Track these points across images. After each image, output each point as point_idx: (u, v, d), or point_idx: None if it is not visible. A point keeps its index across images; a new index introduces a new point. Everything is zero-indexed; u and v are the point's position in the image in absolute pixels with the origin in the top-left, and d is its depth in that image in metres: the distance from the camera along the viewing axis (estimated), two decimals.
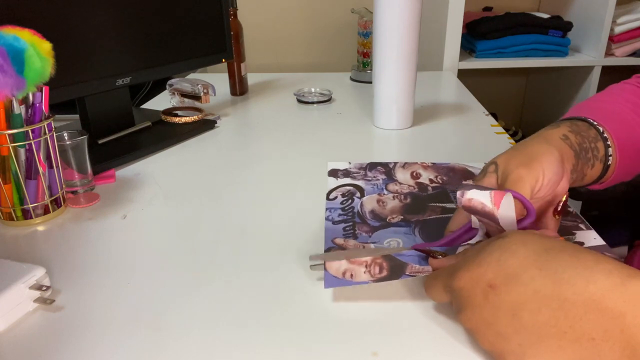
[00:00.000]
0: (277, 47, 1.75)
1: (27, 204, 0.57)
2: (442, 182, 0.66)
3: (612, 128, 0.53)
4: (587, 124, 0.52)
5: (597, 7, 1.45)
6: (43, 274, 0.45)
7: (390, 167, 0.70)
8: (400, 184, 0.66)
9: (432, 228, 0.55)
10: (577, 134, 0.51)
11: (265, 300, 0.44)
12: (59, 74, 0.55)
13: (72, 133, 0.63)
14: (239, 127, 0.92)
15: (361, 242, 0.52)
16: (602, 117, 0.54)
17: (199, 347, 0.39)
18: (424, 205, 0.60)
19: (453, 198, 0.61)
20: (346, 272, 0.45)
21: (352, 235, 0.54)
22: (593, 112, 0.54)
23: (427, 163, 0.72)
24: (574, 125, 0.51)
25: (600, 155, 0.52)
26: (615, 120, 0.54)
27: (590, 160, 0.51)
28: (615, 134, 0.53)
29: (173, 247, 0.53)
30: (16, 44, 0.50)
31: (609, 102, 0.57)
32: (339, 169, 0.70)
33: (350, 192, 0.64)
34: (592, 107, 0.56)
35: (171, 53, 0.86)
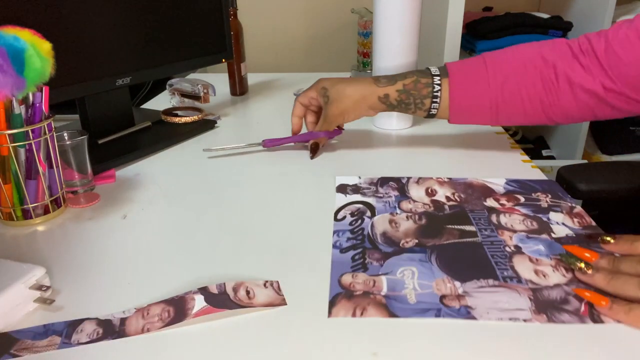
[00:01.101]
0: (277, 47, 1.75)
1: (27, 204, 0.57)
2: (459, 200, 0.61)
3: (458, 90, 0.66)
4: (429, 81, 0.67)
5: (597, 7, 1.45)
6: (43, 274, 0.45)
7: (403, 183, 0.66)
8: (414, 201, 0.61)
9: (450, 254, 0.50)
10: (406, 92, 0.68)
11: None
12: (59, 74, 0.55)
13: (72, 133, 0.63)
14: (239, 127, 0.92)
15: (371, 276, 0.47)
16: (460, 78, 0.67)
17: (198, 348, 0.39)
18: (441, 227, 0.55)
19: (473, 219, 0.57)
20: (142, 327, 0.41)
21: (361, 267, 0.49)
22: (462, 68, 0.67)
23: (443, 178, 0.67)
24: (412, 83, 0.67)
25: (425, 107, 0.68)
26: (473, 82, 0.66)
27: (411, 109, 0.69)
28: (454, 95, 0.67)
29: (173, 247, 0.53)
30: (16, 44, 0.50)
31: (495, 63, 0.67)
32: (348, 185, 0.66)
33: (360, 211, 0.59)
34: (468, 64, 0.68)
35: (171, 53, 0.86)
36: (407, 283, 0.46)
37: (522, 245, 0.51)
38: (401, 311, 0.42)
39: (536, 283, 0.45)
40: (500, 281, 0.46)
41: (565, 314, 0.41)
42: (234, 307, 0.42)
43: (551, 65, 0.63)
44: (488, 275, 0.47)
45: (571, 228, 0.54)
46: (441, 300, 0.43)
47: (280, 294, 0.45)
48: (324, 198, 0.63)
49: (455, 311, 0.42)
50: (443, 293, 0.44)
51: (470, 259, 0.49)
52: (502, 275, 0.47)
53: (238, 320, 0.42)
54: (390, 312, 0.42)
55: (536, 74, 0.64)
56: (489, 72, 0.66)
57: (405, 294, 0.44)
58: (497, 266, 0.48)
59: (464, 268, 0.48)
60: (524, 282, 0.45)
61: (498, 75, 0.65)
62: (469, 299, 0.44)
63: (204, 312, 0.42)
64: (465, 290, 0.45)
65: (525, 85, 0.65)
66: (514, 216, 0.57)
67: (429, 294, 0.44)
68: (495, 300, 0.43)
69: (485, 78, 0.66)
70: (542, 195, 0.62)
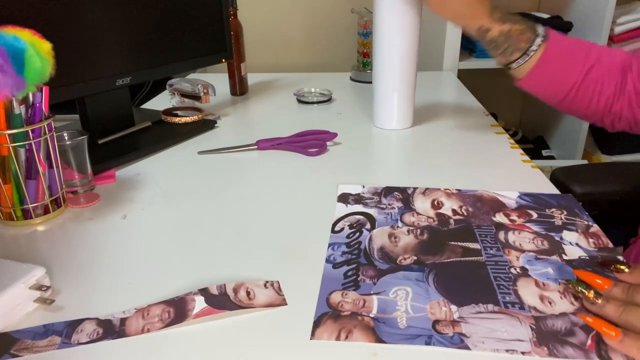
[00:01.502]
0: (277, 47, 1.75)
1: (27, 204, 0.57)
2: (466, 215, 0.57)
3: (548, 62, 0.66)
4: (530, 39, 0.65)
5: (597, 7, 1.45)
6: (43, 274, 0.45)
7: (409, 194, 0.63)
8: (418, 214, 0.58)
9: (449, 274, 0.47)
10: (507, 37, 0.66)
11: None
12: (59, 74, 0.55)
13: (72, 133, 0.63)
14: (239, 127, 0.92)
15: (362, 295, 0.44)
16: (556, 48, 0.66)
17: (198, 348, 0.39)
18: (443, 243, 0.52)
19: (478, 236, 0.53)
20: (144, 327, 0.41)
21: (353, 285, 0.46)
22: (561, 43, 0.67)
23: (452, 190, 0.63)
24: (519, 32, 0.66)
25: (511, 58, 0.67)
26: (563, 53, 0.66)
27: (497, 51, 0.68)
28: (542, 66, 0.66)
29: (173, 247, 0.53)
30: (16, 44, 0.50)
31: (587, 47, 0.67)
32: (350, 194, 0.63)
33: (360, 222, 0.57)
34: (568, 40, 0.67)
35: (171, 53, 0.86)
36: (399, 304, 0.43)
37: (529, 267, 0.48)
38: (389, 336, 0.40)
39: (540, 311, 0.42)
40: (500, 307, 0.42)
41: (569, 348, 0.38)
42: (235, 308, 0.42)
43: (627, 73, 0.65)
44: (488, 300, 0.43)
45: (585, 249, 0.50)
46: (434, 326, 0.40)
47: (280, 294, 0.45)
48: (324, 198, 0.63)
49: (447, 339, 0.39)
50: (437, 318, 0.41)
51: (471, 280, 0.46)
52: (504, 300, 0.43)
53: (238, 320, 0.42)
54: (377, 337, 0.40)
55: (614, 74, 0.65)
56: (583, 54, 0.66)
57: (396, 316, 0.42)
58: (499, 290, 0.44)
59: (462, 290, 0.45)
60: (526, 309, 0.42)
61: (588, 59, 0.65)
62: (464, 325, 0.40)
63: (205, 313, 0.42)
64: (462, 315, 0.42)
65: (603, 82, 0.65)
66: (524, 234, 0.53)
67: (422, 318, 0.41)
68: (493, 328, 0.40)
69: (580, 60, 0.65)
70: (557, 211, 0.58)
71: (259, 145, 0.79)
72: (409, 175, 0.69)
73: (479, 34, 0.68)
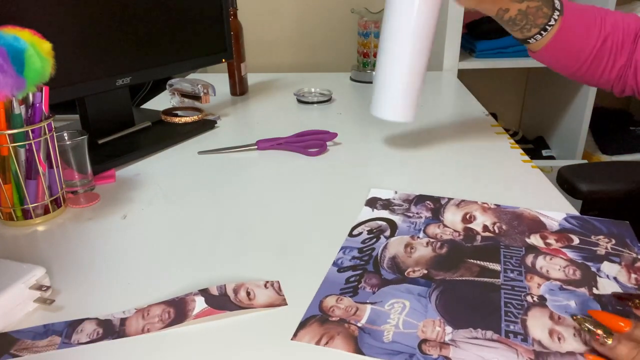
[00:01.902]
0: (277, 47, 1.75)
1: (27, 204, 0.57)
2: (497, 232, 0.53)
3: (566, 34, 0.65)
4: (549, 14, 0.64)
5: None
6: (43, 274, 0.45)
7: (441, 204, 0.60)
8: (445, 226, 0.55)
9: (456, 293, 0.44)
10: (525, 15, 0.65)
11: None
12: (59, 74, 0.55)
13: (72, 133, 0.63)
14: (239, 127, 0.92)
15: (357, 303, 0.43)
16: (572, 18, 0.65)
17: (198, 348, 0.39)
18: (461, 259, 0.49)
19: (503, 256, 0.49)
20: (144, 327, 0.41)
21: (352, 291, 0.45)
22: (577, 12, 0.66)
23: (490, 204, 0.59)
24: (536, 9, 0.64)
25: (528, 34, 0.66)
26: (580, 26, 0.65)
27: (515, 28, 0.66)
28: (560, 39, 0.65)
29: (173, 247, 0.53)
30: (16, 44, 0.50)
31: (601, 17, 0.66)
32: (380, 199, 0.61)
33: (380, 229, 0.54)
34: (580, 9, 0.66)
35: (171, 53, 0.86)
36: (392, 317, 0.41)
37: (549, 296, 0.44)
38: (369, 349, 0.38)
39: (545, 346, 0.38)
40: (500, 335, 0.39)
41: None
42: (235, 309, 0.42)
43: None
44: (489, 326, 0.40)
45: (623, 285, 0.45)
46: (420, 345, 0.38)
47: (280, 294, 0.45)
48: (325, 198, 0.63)
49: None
50: (427, 337, 0.39)
51: (478, 302, 0.43)
52: (507, 329, 0.40)
53: (238, 320, 0.42)
54: (357, 348, 0.38)
55: (627, 43, 0.65)
56: (598, 26, 0.65)
57: (383, 329, 0.40)
58: (505, 316, 0.41)
59: (464, 312, 0.42)
60: (529, 342, 0.38)
61: (602, 30, 0.65)
62: (453, 349, 0.38)
63: (205, 313, 0.42)
64: (454, 338, 0.39)
65: (617, 52, 0.65)
66: (556, 260, 0.49)
67: (410, 335, 0.39)
68: (484, 357, 0.37)
69: (595, 31, 0.65)
70: (605, 239, 0.52)
71: (259, 145, 0.79)
72: (408, 175, 0.69)
73: (498, 15, 0.66)
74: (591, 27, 0.65)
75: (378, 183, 0.66)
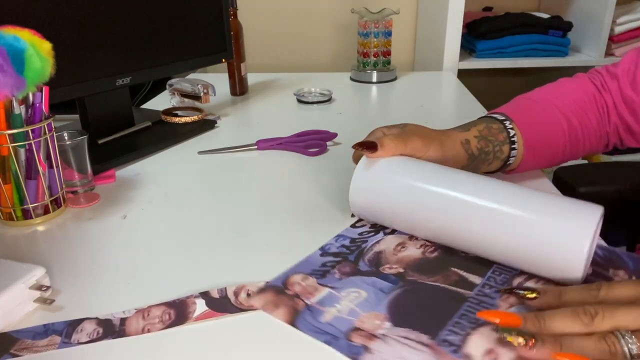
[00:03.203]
0: (277, 47, 1.75)
1: (27, 204, 0.57)
2: None
3: (527, 132, 0.58)
4: (501, 127, 0.58)
5: (597, 7, 1.45)
6: (43, 274, 0.45)
7: None
8: None
9: (418, 296, 0.43)
10: (483, 138, 0.57)
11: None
12: (59, 74, 0.55)
13: (72, 133, 0.63)
14: (239, 127, 0.92)
15: (319, 285, 0.44)
16: (525, 118, 0.59)
17: (198, 349, 0.39)
18: (445, 267, 0.47)
19: (491, 272, 0.46)
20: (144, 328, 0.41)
21: (320, 274, 0.46)
22: (521, 111, 0.60)
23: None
24: (486, 129, 0.57)
25: (503, 156, 0.58)
26: (537, 122, 0.59)
27: (489, 160, 0.57)
28: (527, 138, 0.58)
29: (173, 247, 0.53)
30: (16, 44, 0.50)
31: (545, 101, 0.62)
32: None
33: (383, 225, 0.54)
34: (524, 107, 0.61)
35: (171, 53, 0.86)
36: (341, 303, 0.42)
37: None
38: (302, 323, 0.40)
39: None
40: (434, 341, 0.38)
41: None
42: (235, 311, 0.42)
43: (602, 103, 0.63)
44: (427, 331, 0.39)
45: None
46: (349, 331, 0.39)
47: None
48: (325, 198, 0.63)
49: (348, 346, 0.37)
50: (361, 327, 0.39)
51: (435, 308, 0.42)
52: (444, 337, 0.38)
53: (238, 320, 0.42)
54: (292, 320, 0.40)
55: (589, 108, 0.62)
56: (555, 117, 0.61)
57: (326, 311, 0.41)
58: (451, 326, 0.39)
59: (414, 313, 0.41)
60: (459, 355, 0.37)
61: (561, 120, 0.60)
62: (378, 342, 0.38)
63: (205, 316, 0.42)
64: (387, 334, 0.39)
65: (584, 122, 0.62)
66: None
67: (346, 321, 0.40)
68: (404, 357, 0.37)
69: (550, 111, 0.61)
70: (624, 274, 0.46)
71: (259, 145, 0.79)
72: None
73: (467, 150, 0.56)
74: (551, 123, 0.60)
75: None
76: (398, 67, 1.31)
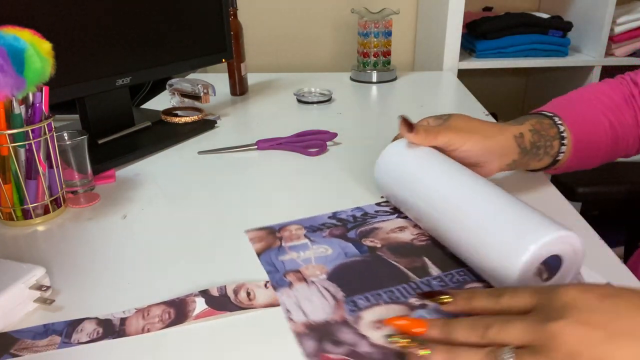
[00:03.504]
0: (277, 47, 1.75)
1: (27, 204, 0.57)
2: None
3: (574, 128, 0.58)
4: (551, 122, 0.57)
5: (597, 7, 1.45)
6: (43, 274, 0.45)
7: None
8: None
9: (368, 265, 0.46)
10: (537, 132, 0.56)
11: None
12: (59, 74, 0.55)
13: (72, 133, 0.63)
14: (239, 127, 0.92)
15: (305, 236, 0.51)
16: (571, 116, 0.59)
17: (198, 348, 0.39)
18: (419, 254, 0.48)
19: (455, 271, 0.46)
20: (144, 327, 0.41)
21: (313, 230, 0.51)
22: (565, 109, 0.60)
23: None
24: (538, 124, 0.57)
25: (553, 152, 0.57)
26: (581, 120, 0.59)
27: (539, 155, 0.57)
28: (575, 134, 0.58)
29: (173, 247, 0.53)
30: (16, 44, 0.50)
31: (584, 101, 0.62)
32: None
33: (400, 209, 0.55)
34: (566, 106, 0.61)
35: (171, 53, 0.86)
36: (306, 253, 0.49)
37: (424, 313, 0.41)
38: (264, 255, 0.49)
39: (358, 331, 0.39)
40: (343, 298, 0.42)
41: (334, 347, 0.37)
42: (235, 309, 0.42)
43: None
44: (348, 290, 0.43)
45: None
46: (288, 270, 0.46)
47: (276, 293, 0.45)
48: (324, 198, 0.63)
49: (278, 279, 0.45)
50: (302, 271, 0.46)
51: (373, 280, 0.44)
52: (354, 299, 0.42)
53: (238, 320, 0.42)
54: (260, 252, 0.49)
55: (624, 110, 0.61)
56: (601, 117, 0.60)
57: (289, 254, 0.49)
58: (368, 294, 0.43)
59: (352, 278, 0.45)
60: (353, 315, 0.40)
61: (605, 123, 0.60)
62: (303, 285, 0.44)
63: (205, 314, 0.42)
64: (316, 282, 0.44)
65: (623, 124, 0.61)
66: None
67: (295, 264, 0.47)
68: (310, 299, 0.42)
69: (593, 108, 0.60)
70: None
71: (259, 145, 0.79)
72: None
73: (519, 145, 0.55)
74: (597, 125, 0.60)
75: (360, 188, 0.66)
76: (398, 67, 1.31)
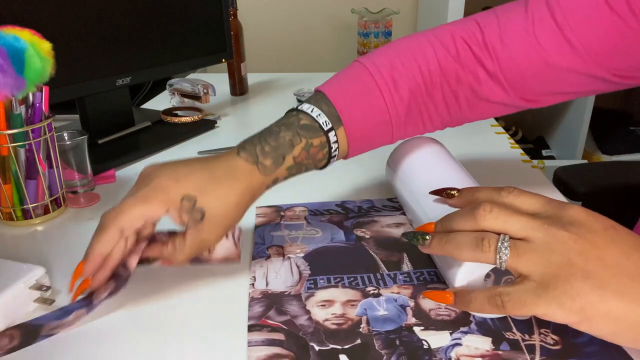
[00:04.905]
0: (277, 47, 1.75)
1: (27, 204, 0.57)
2: None
3: (355, 127, 0.49)
4: (324, 141, 0.48)
5: None
6: (43, 274, 0.45)
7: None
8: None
9: (349, 252, 0.48)
10: (298, 165, 0.48)
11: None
12: (59, 74, 0.55)
13: (72, 133, 0.63)
14: (239, 127, 0.92)
15: (306, 218, 0.54)
16: (357, 114, 0.49)
17: (198, 348, 0.39)
18: (400, 250, 0.49)
19: (421, 279, 0.45)
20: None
21: (314, 214, 0.54)
22: (352, 103, 0.49)
23: None
24: (305, 150, 0.48)
25: (320, 165, 0.50)
26: (363, 102, 0.49)
27: (301, 173, 0.49)
28: (354, 133, 0.49)
29: None
30: (16, 44, 0.50)
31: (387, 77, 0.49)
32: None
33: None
34: (351, 84, 0.50)
35: (171, 53, 0.86)
36: (298, 232, 0.52)
37: (390, 306, 0.41)
38: (260, 229, 0.52)
39: (304, 306, 0.42)
40: (307, 275, 0.45)
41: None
42: (195, 263, 0.45)
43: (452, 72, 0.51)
44: (313, 270, 0.46)
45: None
46: (271, 245, 0.50)
47: (238, 248, 0.46)
48: (324, 198, 0.63)
49: (261, 251, 0.49)
50: (285, 247, 0.49)
51: (344, 266, 0.47)
52: (315, 278, 0.45)
53: (237, 317, 0.42)
54: (260, 224, 0.54)
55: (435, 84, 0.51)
56: (378, 80, 0.49)
57: (282, 230, 0.52)
58: (331, 275, 0.45)
59: (325, 260, 0.47)
60: (308, 291, 0.43)
61: (388, 80, 0.49)
62: (279, 258, 0.48)
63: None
64: (291, 257, 0.48)
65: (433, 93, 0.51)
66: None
67: (281, 240, 0.51)
68: (279, 271, 0.46)
69: (376, 90, 0.49)
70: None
71: None
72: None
73: (272, 187, 0.49)
74: (368, 85, 0.50)
75: (378, 183, 0.66)
76: None
